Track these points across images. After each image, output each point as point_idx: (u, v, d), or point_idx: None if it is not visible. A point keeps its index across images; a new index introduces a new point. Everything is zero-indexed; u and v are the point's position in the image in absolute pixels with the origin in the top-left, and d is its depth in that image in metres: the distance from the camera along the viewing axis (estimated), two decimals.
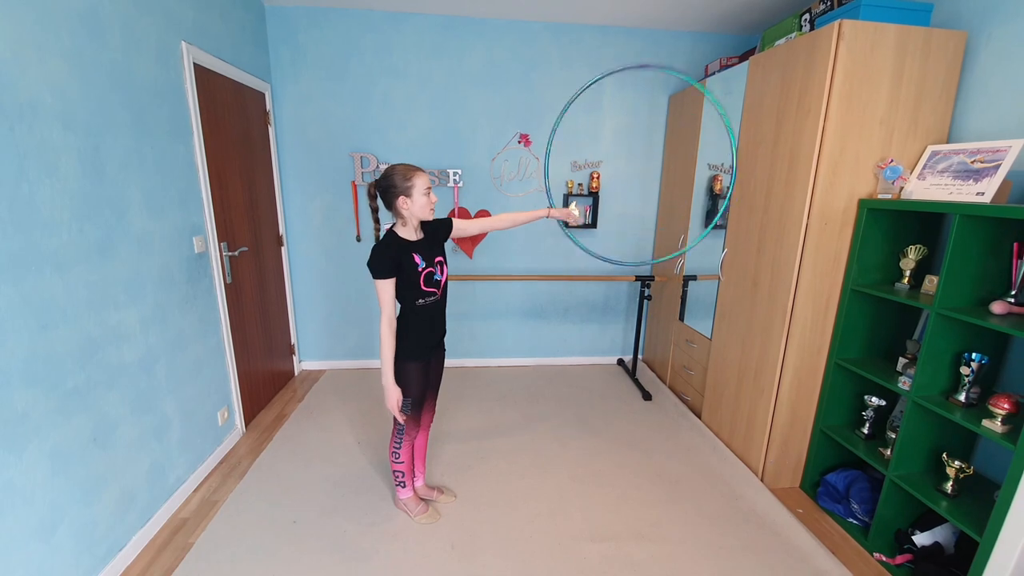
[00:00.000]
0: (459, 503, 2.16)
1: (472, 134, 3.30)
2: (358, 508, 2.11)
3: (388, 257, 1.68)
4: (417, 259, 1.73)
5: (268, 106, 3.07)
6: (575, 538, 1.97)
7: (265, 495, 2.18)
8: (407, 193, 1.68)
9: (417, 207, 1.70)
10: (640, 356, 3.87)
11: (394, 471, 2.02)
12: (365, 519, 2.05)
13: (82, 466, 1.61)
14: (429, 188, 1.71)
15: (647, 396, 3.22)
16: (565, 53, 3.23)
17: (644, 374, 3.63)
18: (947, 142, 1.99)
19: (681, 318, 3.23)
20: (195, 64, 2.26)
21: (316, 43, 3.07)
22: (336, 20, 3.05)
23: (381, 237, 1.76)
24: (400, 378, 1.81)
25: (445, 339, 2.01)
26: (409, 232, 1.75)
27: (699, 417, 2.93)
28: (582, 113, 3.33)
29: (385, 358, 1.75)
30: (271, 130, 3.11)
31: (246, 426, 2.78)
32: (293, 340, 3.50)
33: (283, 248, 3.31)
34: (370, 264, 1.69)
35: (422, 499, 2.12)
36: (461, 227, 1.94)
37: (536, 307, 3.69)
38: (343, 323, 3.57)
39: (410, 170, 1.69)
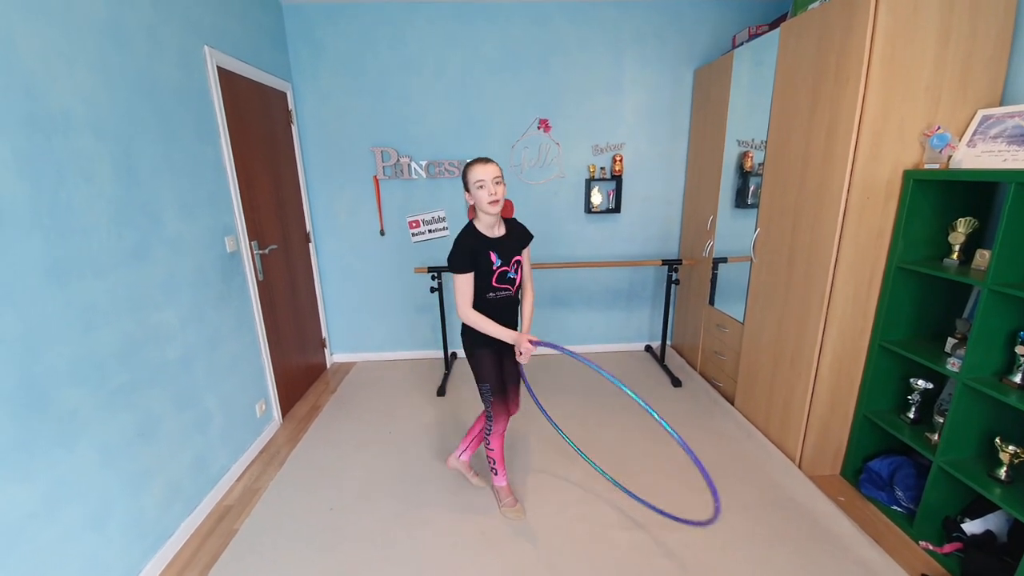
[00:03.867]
0: (488, 492, 2.18)
1: (490, 122, 3.27)
2: (391, 496, 2.16)
3: (466, 252, 1.71)
4: (493, 257, 1.75)
5: (290, 105, 3.11)
6: (605, 526, 1.97)
7: (303, 483, 2.26)
8: (466, 187, 1.72)
9: (477, 200, 1.70)
10: (669, 342, 3.79)
11: (488, 458, 2.07)
12: (398, 506, 2.09)
13: (129, 460, 1.70)
14: (482, 181, 1.66)
15: (676, 382, 3.16)
16: (582, 33, 3.14)
17: (673, 360, 3.56)
18: (1000, 105, 1.84)
19: (711, 302, 3.15)
20: (218, 67, 2.30)
21: (333, 39, 3.09)
22: (351, 15, 3.05)
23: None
24: (475, 364, 1.90)
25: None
26: (486, 227, 1.76)
27: (732, 403, 2.86)
28: (603, 95, 3.25)
29: (489, 329, 1.75)
30: (294, 129, 3.16)
31: (283, 417, 2.88)
32: (324, 334, 3.58)
33: (311, 244, 3.38)
34: (449, 259, 1.72)
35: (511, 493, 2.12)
36: (525, 259, 1.88)
37: (559, 295, 3.65)
38: (371, 316, 3.63)
39: (469, 164, 1.71)
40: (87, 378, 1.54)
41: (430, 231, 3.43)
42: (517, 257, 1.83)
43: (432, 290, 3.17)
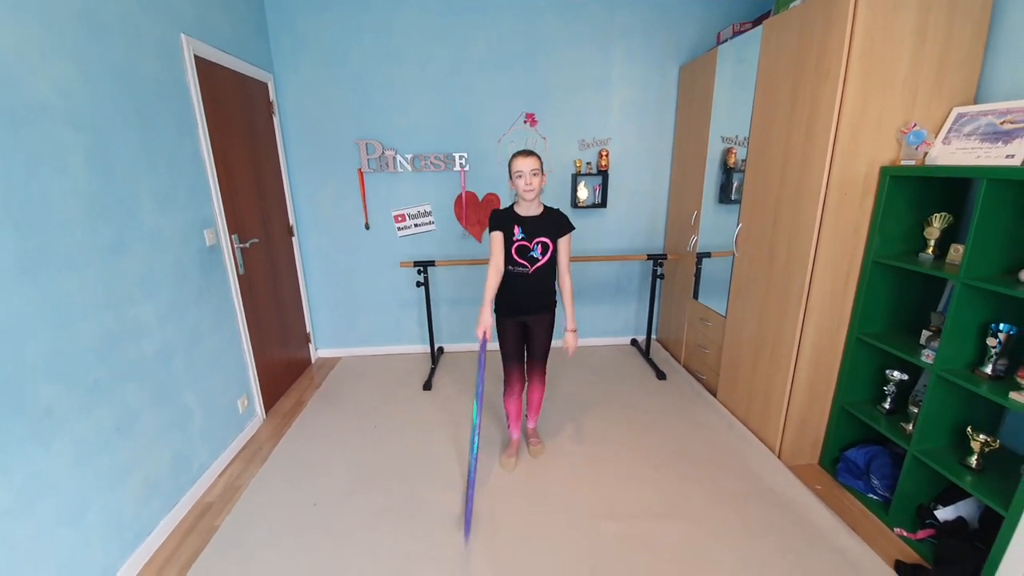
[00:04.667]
0: (477, 484, 2.18)
1: (477, 116, 3.25)
2: (375, 490, 2.16)
3: (496, 217, 2.05)
4: (516, 230, 2.00)
5: (272, 96, 3.06)
6: (591, 516, 1.99)
7: (286, 479, 2.25)
8: (509, 175, 1.98)
9: (516, 187, 1.98)
10: (654, 336, 3.83)
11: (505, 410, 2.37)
12: (383, 501, 2.09)
13: (106, 455, 1.67)
14: (520, 172, 1.93)
15: (661, 375, 3.20)
16: (570, 29, 3.13)
17: (658, 353, 3.60)
18: (975, 103, 1.88)
19: (695, 296, 3.18)
20: (196, 56, 2.25)
21: (316, 30, 3.04)
22: (334, 4, 3.00)
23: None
24: (498, 330, 2.18)
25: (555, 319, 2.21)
26: (522, 208, 2.03)
27: (715, 396, 2.90)
28: (590, 90, 3.25)
29: (486, 293, 2.03)
30: (276, 120, 3.11)
31: (266, 413, 2.85)
32: (308, 328, 3.55)
33: (294, 238, 3.34)
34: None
35: (522, 442, 2.45)
36: (561, 248, 2.07)
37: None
38: (356, 311, 3.61)
39: (513, 156, 1.97)
40: (63, 373, 1.51)
41: (416, 225, 3.41)
42: (542, 238, 2.02)
43: (418, 284, 3.16)
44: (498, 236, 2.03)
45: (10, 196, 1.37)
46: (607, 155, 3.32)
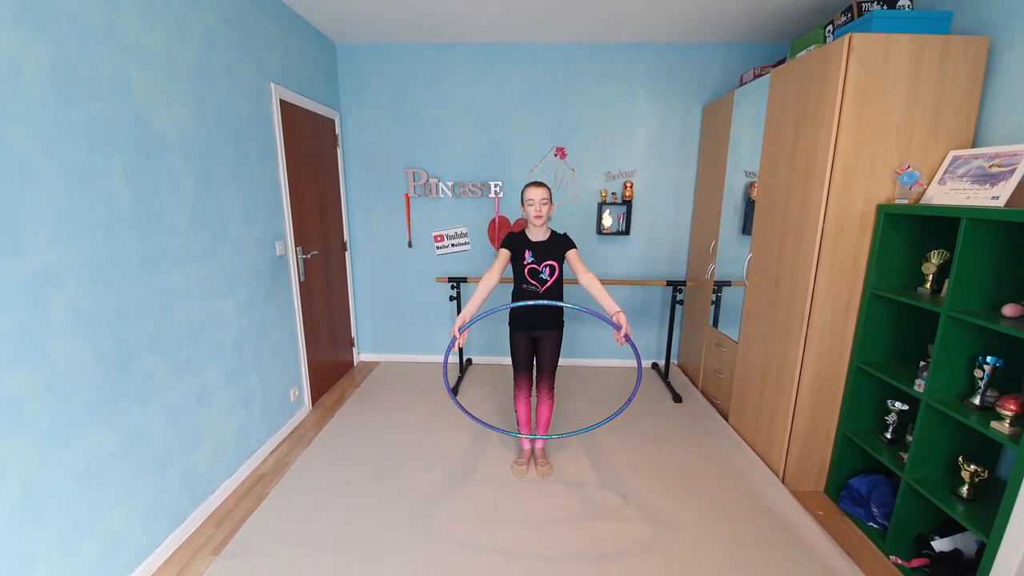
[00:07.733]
0: (488, 479, 2.41)
1: (511, 149, 3.60)
2: (400, 476, 2.43)
3: (510, 238, 2.25)
4: (527, 254, 2.21)
5: (337, 131, 3.54)
6: (589, 517, 2.15)
7: (326, 460, 2.56)
8: (521, 202, 2.21)
9: (526, 214, 2.21)
10: (675, 360, 3.93)
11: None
12: (406, 484, 2.36)
13: (188, 421, 2.05)
14: (531, 200, 2.15)
15: (677, 398, 3.30)
16: (598, 71, 3.44)
17: (677, 378, 3.70)
18: (973, 147, 1.99)
19: (715, 323, 3.29)
20: (281, 100, 2.73)
21: (377, 75, 3.52)
22: (394, 54, 3.48)
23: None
24: (509, 344, 2.41)
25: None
26: (532, 233, 2.24)
27: (727, 419, 2.99)
28: (616, 126, 3.52)
29: (470, 302, 2.11)
30: (339, 151, 3.58)
31: (312, 404, 3.22)
32: (353, 334, 3.94)
33: (347, 252, 3.77)
34: None
35: (532, 457, 2.54)
36: (571, 261, 2.23)
37: (571, 310, 3.86)
38: (397, 320, 3.97)
39: (526, 186, 2.20)
40: (163, 348, 1.90)
41: (453, 245, 3.76)
42: (550, 262, 2.22)
43: (451, 298, 3.47)
44: (505, 254, 2.20)
45: (139, 208, 1.79)
46: (631, 186, 3.55)
